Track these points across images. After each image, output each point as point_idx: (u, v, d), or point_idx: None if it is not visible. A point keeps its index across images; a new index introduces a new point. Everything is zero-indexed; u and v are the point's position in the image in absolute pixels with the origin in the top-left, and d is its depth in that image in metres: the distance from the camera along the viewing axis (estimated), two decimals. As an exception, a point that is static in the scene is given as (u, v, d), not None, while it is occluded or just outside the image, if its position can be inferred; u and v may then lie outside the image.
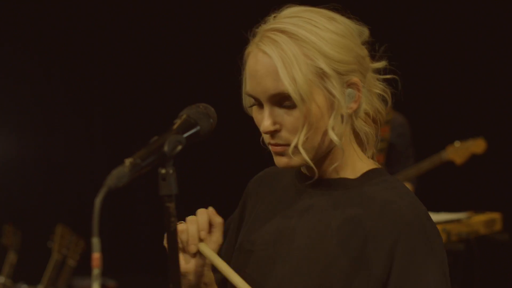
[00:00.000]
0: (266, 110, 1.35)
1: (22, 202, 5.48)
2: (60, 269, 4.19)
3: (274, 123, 1.35)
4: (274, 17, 1.39)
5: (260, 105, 1.37)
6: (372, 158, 1.46)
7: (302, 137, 1.34)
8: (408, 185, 3.86)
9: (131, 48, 5.51)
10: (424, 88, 4.80)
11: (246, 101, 1.43)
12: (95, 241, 1.04)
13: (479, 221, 3.51)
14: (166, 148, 1.15)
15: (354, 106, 1.38)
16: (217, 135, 1.53)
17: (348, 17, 1.41)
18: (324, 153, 1.39)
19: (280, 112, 1.35)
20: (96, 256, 1.04)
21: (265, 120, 1.35)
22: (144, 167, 1.13)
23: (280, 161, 1.38)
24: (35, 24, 5.48)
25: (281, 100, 1.34)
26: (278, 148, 1.36)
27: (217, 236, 1.38)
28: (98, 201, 1.06)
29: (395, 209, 1.33)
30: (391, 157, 4.03)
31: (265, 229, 1.45)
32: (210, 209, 1.39)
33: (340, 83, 1.35)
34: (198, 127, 1.24)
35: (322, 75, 1.33)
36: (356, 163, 1.42)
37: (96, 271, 1.04)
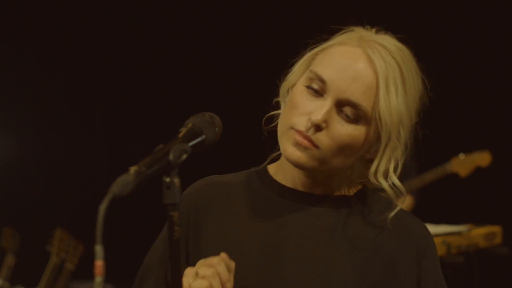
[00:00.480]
0: (327, 105, 1.29)
1: (21, 204, 5.46)
2: (58, 272, 4.18)
3: (324, 121, 1.29)
4: (373, 30, 1.36)
5: (318, 91, 1.30)
6: None
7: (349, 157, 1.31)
8: (409, 198, 3.87)
9: (133, 47, 5.49)
10: (429, 99, 4.79)
11: (293, 78, 1.35)
12: (98, 249, 1.03)
13: (479, 234, 3.51)
14: (171, 157, 1.14)
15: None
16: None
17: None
18: (332, 171, 1.35)
19: (335, 116, 1.30)
20: (99, 263, 1.03)
21: (320, 113, 1.28)
22: (149, 175, 1.12)
23: (294, 152, 1.29)
24: (37, 23, 5.47)
25: (347, 110, 1.29)
26: (305, 142, 1.29)
27: (231, 281, 1.28)
28: (102, 208, 1.05)
29: (411, 226, 1.37)
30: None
31: (251, 249, 1.35)
32: (223, 255, 1.29)
33: (406, 136, 1.34)
34: (203, 136, 1.22)
35: (404, 119, 1.31)
36: (349, 181, 1.40)
37: (98, 279, 1.03)
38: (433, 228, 3.51)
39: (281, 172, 1.40)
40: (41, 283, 4.12)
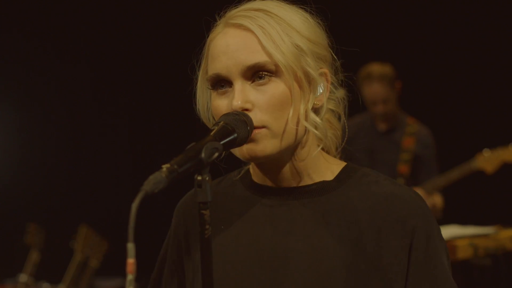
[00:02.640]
0: (237, 86, 1.25)
1: (46, 201, 5.50)
2: (83, 269, 4.20)
3: (246, 101, 1.25)
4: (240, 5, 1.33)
5: (224, 86, 1.27)
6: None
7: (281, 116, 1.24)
8: (437, 196, 3.83)
9: (137, 45, 5.51)
10: (449, 95, 4.76)
11: (202, 96, 1.33)
12: (130, 247, 1.03)
13: (507, 236, 3.47)
14: (203, 155, 1.14)
15: (322, 99, 1.31)
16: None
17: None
18: (292, 145, 1.29)
19: (251, 90, 1.26)
20: (131, 261, 1.02)
21: (235, 98, 1.24)
22: (180, 173, 1.11)
23: (251, 150, 1.25)
24: (48, 17, 5.50)
25: (255, 74, 1.25)
26: (252, 131, 1.24)
27: None
28: (134, 205, 1.04)
29: (397, 203, 1.28)
30: (415, 168, 4.01)
31: (244, 254, 1.32)
32: None
33: (315, 66, 1.29)
34: (235, 134, 1.21)
35: (300, 52, 1.26)
36: (326, 163, 1.35)
37: (130, 276, 1.03)
38: (460, 230, 3.48)
39: (256, 172, 1.37)
40: (65, 280, 4.14)
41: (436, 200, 3.81)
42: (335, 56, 1.35)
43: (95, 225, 4.40)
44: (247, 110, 1.25)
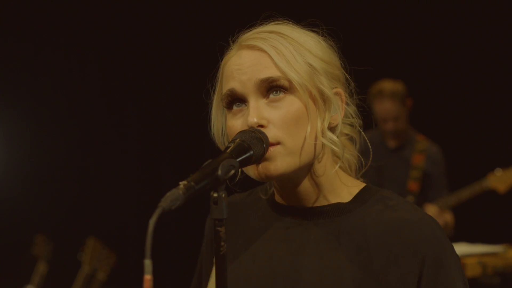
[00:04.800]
0: (252, 103, 1.26)
1: (54, 213, 5.51)
2: (90, 282, 4.19)
3: (261, 117, 1.26)
4: (253, 27, 1.35)
5: (240, 105, 1.28)
6: None
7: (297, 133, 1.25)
8: (449, 213, 3.82)
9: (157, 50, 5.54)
10: (461, 114, 4.76)
11: (216, 119, 1.34)
12: (147, 263, 1.03)
13: (516, 255, 3.46)
14: (219, 172, 1.15)
15: (337, 118, 1.32)
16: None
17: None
18: (308, 163, 1.29)
19: (266, 107, 1.26)
20: (148, 277, 1.03)
21: (250, 115, 1.25)
22: (197, 190, 1.12)
23: (265, 168, 1.25)
24: (70, 26, 5.53)
25: (270, 90, 1.26)
26: (268, 148, 1.24)
27: None
28: (152, 222, 1.04)
29: (409, 229, 1.27)
30: (425, 186, 4.01)
31: (257, 270, 1.34)
32: None
33: (329, 85, 1.30)
34: (251, 152, 1.22)
35: (313, 71, 1.28)
36: (343, 185, 1.35)
37: (146, 293, 1.03)
38: (468, 248, 3.47)
39: (276, 191, 1.39)
40: (72, 292, 4.13)
41: (448, 217, 3.81)
42: (348, 77, 1.36)
43: (103, 238, 4.39)
44: (262, 126, 1.26)
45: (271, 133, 1.25)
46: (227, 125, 1.31)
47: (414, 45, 4.83)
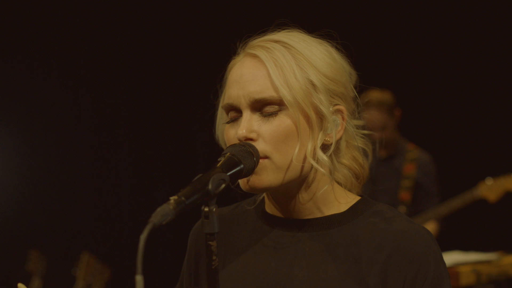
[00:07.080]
0: (244, 116, 1.28)
1: (48, 228, 5.49)
2: (85, 297, 4.18)
3: (251, 130, 1.27)
4: (265, 34, 1.36)
5: (237, 116, 1.30)
6: None
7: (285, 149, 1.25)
8: (432, 224, 3.83)
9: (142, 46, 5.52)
10: (452, 123, 4.77)
11: (220, 122, 1.36)
12: (139, 279, 1.03)
13: (510, 262, 3.46)
14: (210, 187, 1.15)
15: (337, 136, 1.32)
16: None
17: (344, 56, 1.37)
18: (296, 180, 1.29)
19: (258, 121, 1.28)
20: (140, 293, 1.03)
21: (240, 127, 1.27)
22: (188, 205, 1.13)
23: (251, 181, 1.26)
24: (64, 35, 5.52)
25: (263, 107, 1.27)
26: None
27: None
28: (143, 238, 1.05)
29: (405, 241, 1.27)
30: (417, 195, 4.01)
31: (250, 282, 1.33)
32: None
33: (328, 103, 1.30)
34: (241, 166, 1.23)
35: (312, 88, 1.28)
36: (337, 197, 1.35)
37: (138, 308, 1.03)
38: (462, 256, 3.47)
39: (268, 203, 1.39)
40: (67, 307, 4.12)
41: (430, 227, 3.81)
42: (355, 92, 1.37)
43: (97, 252, 4.39)
44: (251, 140, 1.27)
45: (260, 146, 1.26)
46: (224, 131, 1.33)
47: (405, 55, 4.85)
